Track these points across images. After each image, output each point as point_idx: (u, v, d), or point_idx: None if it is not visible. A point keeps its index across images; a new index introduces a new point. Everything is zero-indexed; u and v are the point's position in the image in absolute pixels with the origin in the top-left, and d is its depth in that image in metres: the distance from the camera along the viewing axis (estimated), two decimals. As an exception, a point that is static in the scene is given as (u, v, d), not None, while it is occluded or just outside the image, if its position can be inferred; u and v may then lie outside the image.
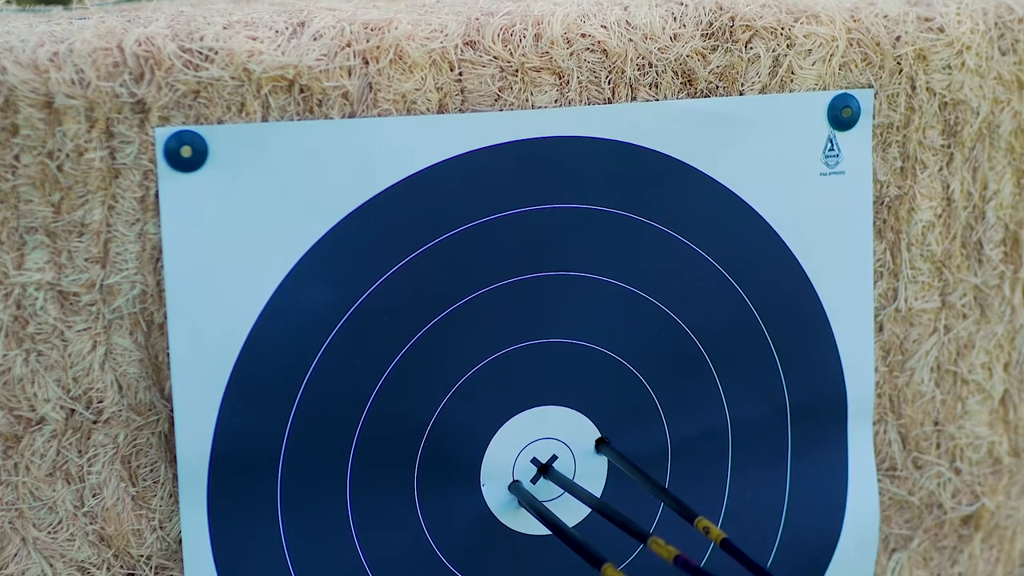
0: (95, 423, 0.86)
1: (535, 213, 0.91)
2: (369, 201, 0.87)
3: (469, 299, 0.90)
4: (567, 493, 0.93)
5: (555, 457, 0.94)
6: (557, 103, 0.91)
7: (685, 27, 0.93)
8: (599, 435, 0.95)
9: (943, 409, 1.05)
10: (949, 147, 1.01)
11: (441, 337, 0.90)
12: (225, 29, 0.83)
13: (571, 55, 0.90)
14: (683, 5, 0.94)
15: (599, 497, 0.95)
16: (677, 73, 0.93)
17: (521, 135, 0.89)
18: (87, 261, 0.84)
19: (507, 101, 0.89)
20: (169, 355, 0.85)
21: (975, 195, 1.03)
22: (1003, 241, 1.05)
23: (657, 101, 0.93)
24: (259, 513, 0.88)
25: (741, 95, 0.94)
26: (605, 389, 0.95)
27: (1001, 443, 1.08)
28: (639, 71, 0.92)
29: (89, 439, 0.86)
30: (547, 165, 0.90)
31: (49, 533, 0.86)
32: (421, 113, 0.88)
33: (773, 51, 0.94)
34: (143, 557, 0.88)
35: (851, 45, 0.96)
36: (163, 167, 0.83)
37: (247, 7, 0.92)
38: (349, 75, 0.86)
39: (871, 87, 0.97)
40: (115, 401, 0.86)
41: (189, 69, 0.82)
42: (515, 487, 0.93)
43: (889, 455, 1.04)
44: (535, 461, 0.94)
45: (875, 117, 0.98)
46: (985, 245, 1.04)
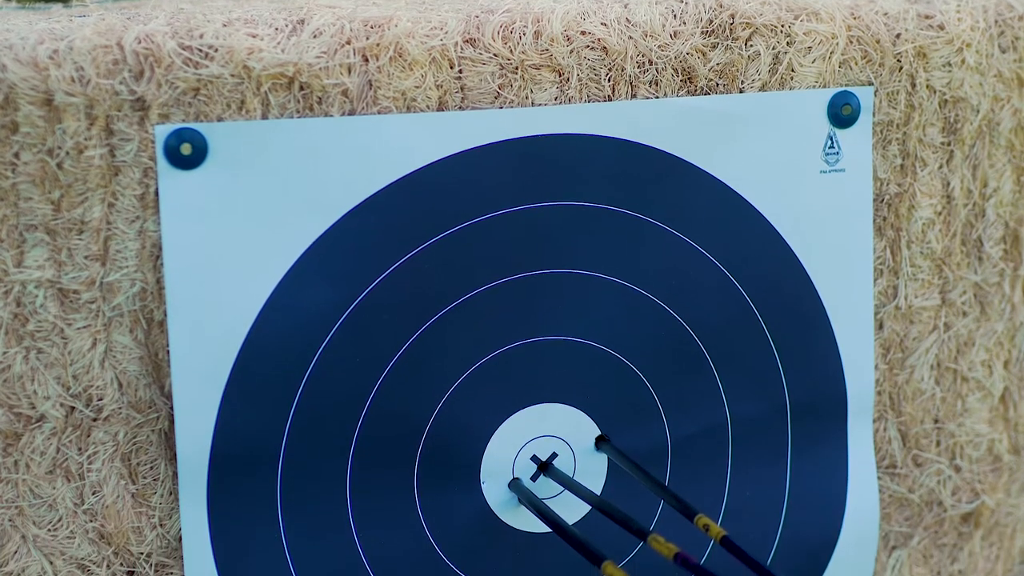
0: (95, 421, 0.86)
1: (535, 211, 0.91)
2: (369, 199, 0.87)
3: (469, 296, 0.90)
4: (567, 491, 0.93)
5: (555, 455, 0.94)
6: (557, 101, 0.91)
7: (685, 24, 0.93)
8: (599, 433, 0.95)
9: (943, 407, 1.05)
10: (949, 144, 1.01)
11: (441, 335, 0.90)
12: (225, 27, 0.83)
13: (571, 52, 0.90)
14: (683, 2, 0.94)
15: (599, 495, 0.95)
16: (677, 70, 0.93)
17: (521, 133, 0.89)
18: (87, 259, 0.84)
19: (507, 99, 0.89)
20: (169, 353, 0.85)
21: (975, 192, 1.03)
22: (1003, 239, 1.05)
23: (657, 99, 0.93)
24: (259, 511, 0.88)
25: (741, 93, 0.94)
26: (605, 386, 0.95)
27: (1001, 440, 1.08)
28: (639, 68, 0.92)
29: (89, 437, 0.86)
30: (547, 163, 0.90)
31: (49, 531, 0.86)
32: (421, 111, 0.88)
33: (773, 49, 0.94)
34: (143, 555, 0.88)
35: (851, 42, 0.96)
36: (163, 164, 0.83)
37: (247, 4, 0.92)
38: (349, 72, 0.86)
39: (871, 84, 0.97)
40: (115, 399, 0.86)
41: (189, 66, 0.82)
42: (515, 485, 0.93)
43: (889, 453, 1.04)
44: (535, 459, 0.94)
45: (875, 115, 0.98)
46: (985, 243, 1.04)
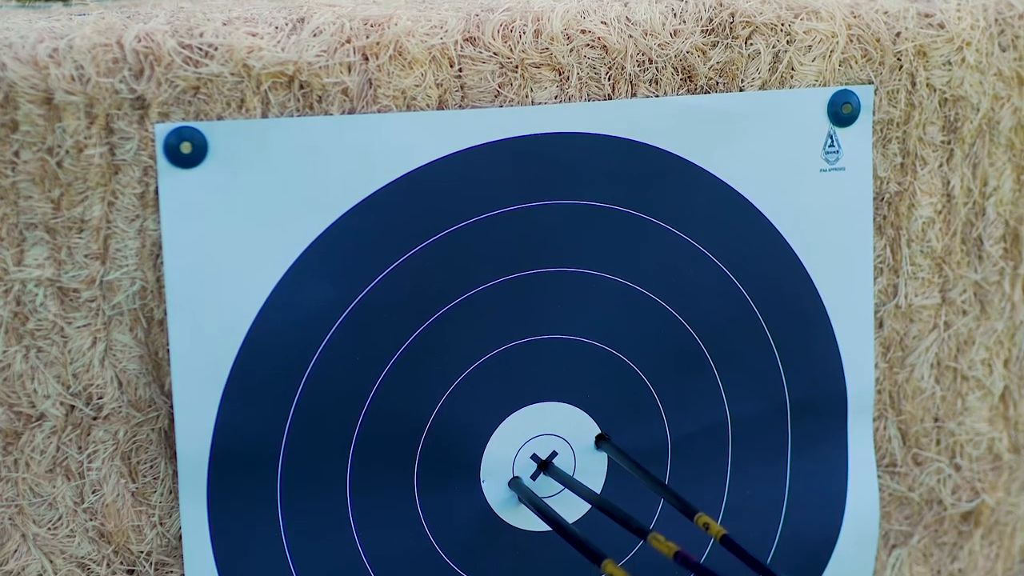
0: (95, 419, 0.86)
1: (535, 209, 0.91)
2: (369, 197, 0.87)
3: (469, 295, 0.90)
4: (567, 489, 0.93)
5: (555, 453, 0.94)
6: (557, 99, 0.91)
7: (685, 23, 0.93)
8: (599, 431, 0.95)
9: (943, 405, 1.05)
10: (949, 143, 1.01)
11: (441, 333, 0.90)
12: (225, 25, 0.83)
13: (571, 51, 0.90)
14: (683, 1, 0.94)
15: (599, 493, 0.95)
16: (677, 69, 0.93)
17: (521, 131, 0.89)
18: (87, 257, 0.84)
19: (507, 97, 0.89)
20: (169, 351, 0.85)
21: (975, 191, 1.03)
22: (1003, 237, 1.05)
23: (657, 97, 0.93)
24: (259, 509, 0.88)
25: (741, 91, 0.94)
26: (605, 385, 0.95)
27: (1001, 439, 1.08)
28: (639, 67, 0.92)
29: (89, 435, 0.86)
30: (547, 161, 0.90)
31: (49, 529, 0.86)
32: (421, 109, 0.88)
33: (773, 47, 0.94)
34: (143, 553, 0.88)
35: (851, 41, 0.96)
36: (163, 163, 0.83)
37: (247, 3, 0.92)
38: (349, 71, 0.86)
39: (871, 83, 0.97)
40: (115, 397, 0.86)
41: (189, 65, 0.82)
42: (515, 483, 0.93)
43: (889, 451, 1.04)
44: (535, 457, 0.94)
45: (875, 113, 0.98)
46: (985, 241, 1.04)
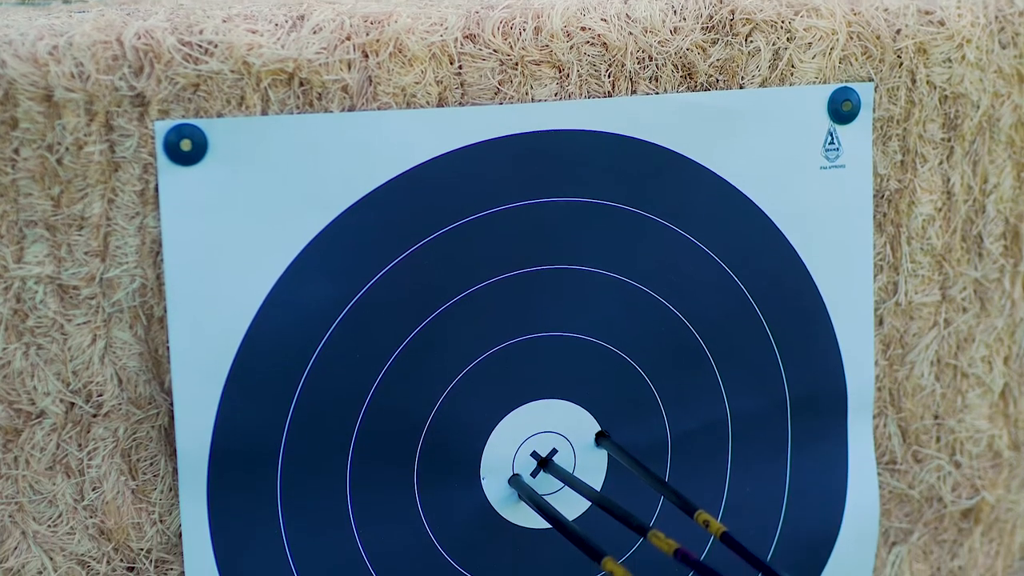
0: (95, 417, 0.86)
1: (535, 206, 0.91)
2: (369, 194, 0.87)
3: (469, 292, 0.90)
4: (567, 487, 0.93)
5: (555, 451, 0.94)
6: (557, 96, 0.91)
7: (685, 20, 0.93)
8: (599, 428, 0.95)
9: (943, 403, 1.05)
10: (949, 141, 1.01)
11: (441, 331, 0.90)
12: (224, 22, 0.83)
13: (571, 48, 0.90)
14: (683, -2, 0.94)
15: (599, 490, 0.95)
16: (677, 66, 0.93)
17: (521, 128, 0.89)
18: (87, 255, 0.84)
19: (507, 94, 0.89)
20: (169, 348, 0.85)
21: (975, 189, 1.03)
22: (1003, 235, 1.05)
23: (657, 94, 0.92)
24: (259, 507, 0.88)
25: (741, 89, 0.94)
26: (605, 382, 0.95)
27: (1001, 437, 1.08)
28: (639, 64, 0.92)
29: (89, 433, 0.86)
30: (547, 158, 0.90)
31: (49, 527, 0.86)
32: (421, 106, 0.88)
33: (773, 44, 0.94)
34: (143, 551, 0.88)
35: (851, 38, 0.96)
36: (163, 160, 0.83)
37: (246, 0, 0.92)
38: (349, 68, 0.86)
39: (871, 80, 0.97)
40: (115, 395, 0.86)
41: (189, 62, 0.82)
42: (515, 481, 0.93)
43: (889, 449, 1.04)
44: (535, 455, 0.94)
45: (875, 111, 0.98)
46: (985, 239, 1.04)
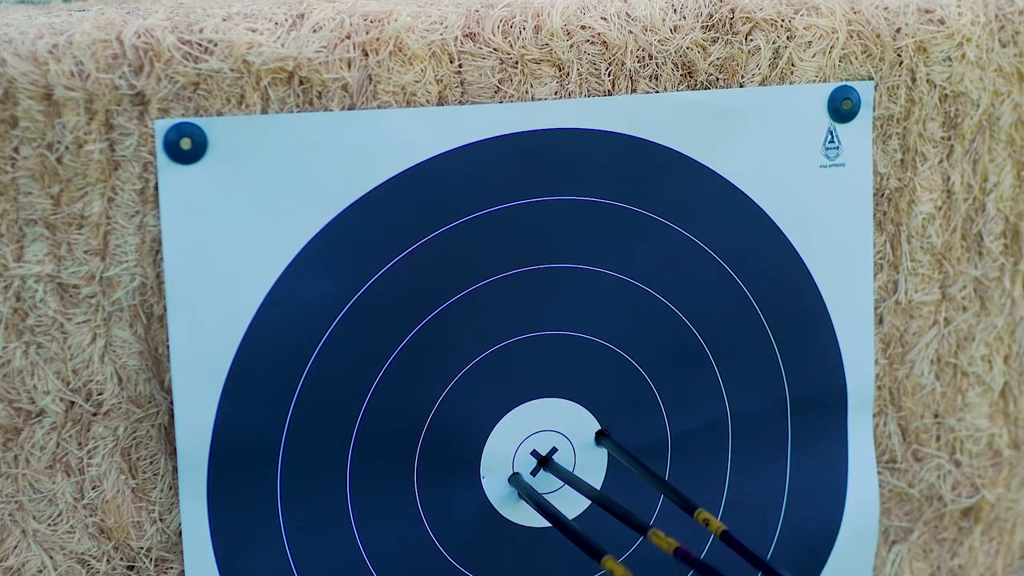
0: (95, 415, 0.86)
1: (535, 205, 0.91)
2: (369, 193, 0.87)
3: (469, 291, 0.90)
4: (567, 485, 0.93)
5: (555, 449, 0.94)
6: (557, 95, 0.91)
7: (685, 19, 0.93)
8: (599, 427, 0.95)
9: (943, 401, 1.05)
10: (949, 139, 1.01)
11: (441, 329, 0.90)
12: (224, 21, 0.83)
13: (571, 47, 0.90)
14: (683, -3, 0.94)
15: (599, 489, 0.95)
16: (677, 65, 0.93)
17: (521, 127, 0.89)
18: (87, 253, 0.84)
19: (507, 93, 0.89)
20: (169, 347, 0.85)
21: (975, 187, 1.03)
22: (1003, 233, 1.05)
23: (657, 93, 0.92)
24: (259, 505, 0.88)
25: (741, 87, 0.94)
26: (605, 381, 0.95)
27: (1001, 435, 1.08)
28: (639, 63, 0.92)
29: (89, 431, 0.86)
30: (547, 157, 0.90)
31: (49, 525, 0.86)
32: (421, 105, 0.88)
33: (773, 43, 0.94)
34: (143, 549, 0.88)
35: (851, 37, 0.96)
36: (163, 159, 0.83)
37: (246, -1, 0.92)
38: (349, 67, 0.86)
39: (871, 79, 0.97)
40: (115, 393, 0.86)
41: (188, 61, 0.82)
42: (515, 479, 0.93)
43: (889, 447, 1.04)
44: (535, 453, 0.94)
45: (875, 109, 0.98)
46: (985, 237, 1.04)
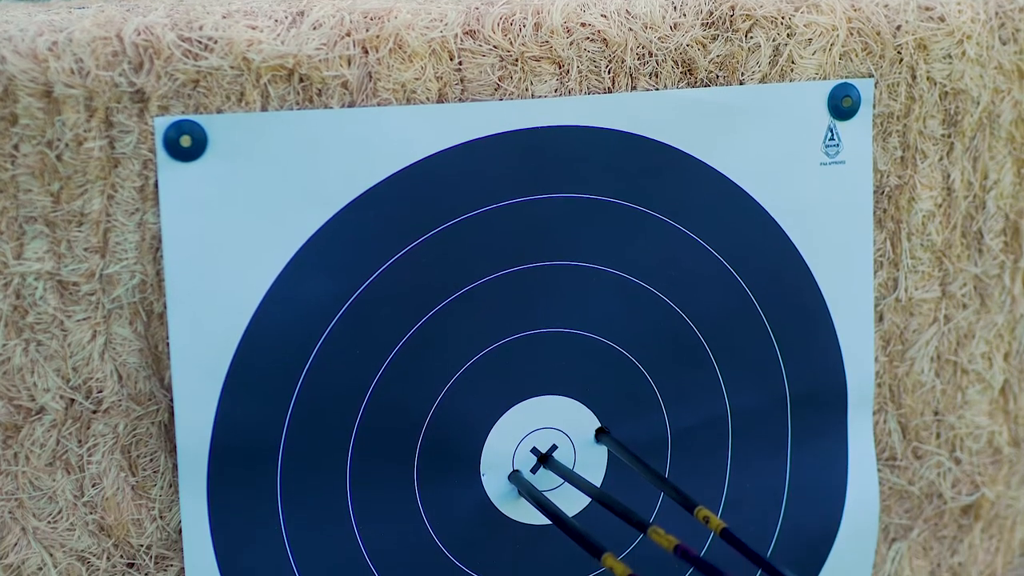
0: (95, 413, 0.86)
1: (535, 202, 0.91)
2: (369, 191, 0.87)
3: (469, 289, 0.90)
4: (567, 483, 0.93)
5: (555, 447, 0.94)
6: (557, 92, 0.90)
7: (685, 16, 0.93)
8: (599, 425, 0.95)
9: (943, 399, 1.05)
10: (949, 137, 1.01)
11: (441, 327, 0.90)
12: (224, 18, 0.83)
13: (571, 44, 0.90)
14: (683, -6, 0.94)
15: (599, 487, 0.95)
16: (677, 62, 0.93)
17: (521, 124, 0.89)
18: (86, 251, 0.84)
19: (507, 90, 0.89)
20: (169, 345, 0.85)
21: (975, 185, 1.03)
22: (1003, 231, 1.05)
23: (657, 91, 0.92)
24: (259, 503, 0.88)
25: (741, 84, 0.94)
26: (605, 379, 0.95)
27: (1001, 433, 1.08)
28: (639, 60, 0.92)
29: (89, 429, 0.86)
30: (547, 155, 0.90)
31: (49, 523, 0.86)
32: (421, 102, 0.88)
33: (773, 40, 0.94)
34: (143, 547, 0.88)
35: (851, 34, 0.96)
36: (162, 156, 0.83)
37: (246, -4, 0.92)
38: (349, 64, 0.86)
39: (871, 76, 0.97)
40: (115, 391, 0.86)
41: (188, 58, 0.82)
42: (515, 477, 0.93)
43: (889, 445, 1.04)
44: (535, 451, 0.94)
45: (875, 106, 0.98)
46: (985, 235, 1.04)
